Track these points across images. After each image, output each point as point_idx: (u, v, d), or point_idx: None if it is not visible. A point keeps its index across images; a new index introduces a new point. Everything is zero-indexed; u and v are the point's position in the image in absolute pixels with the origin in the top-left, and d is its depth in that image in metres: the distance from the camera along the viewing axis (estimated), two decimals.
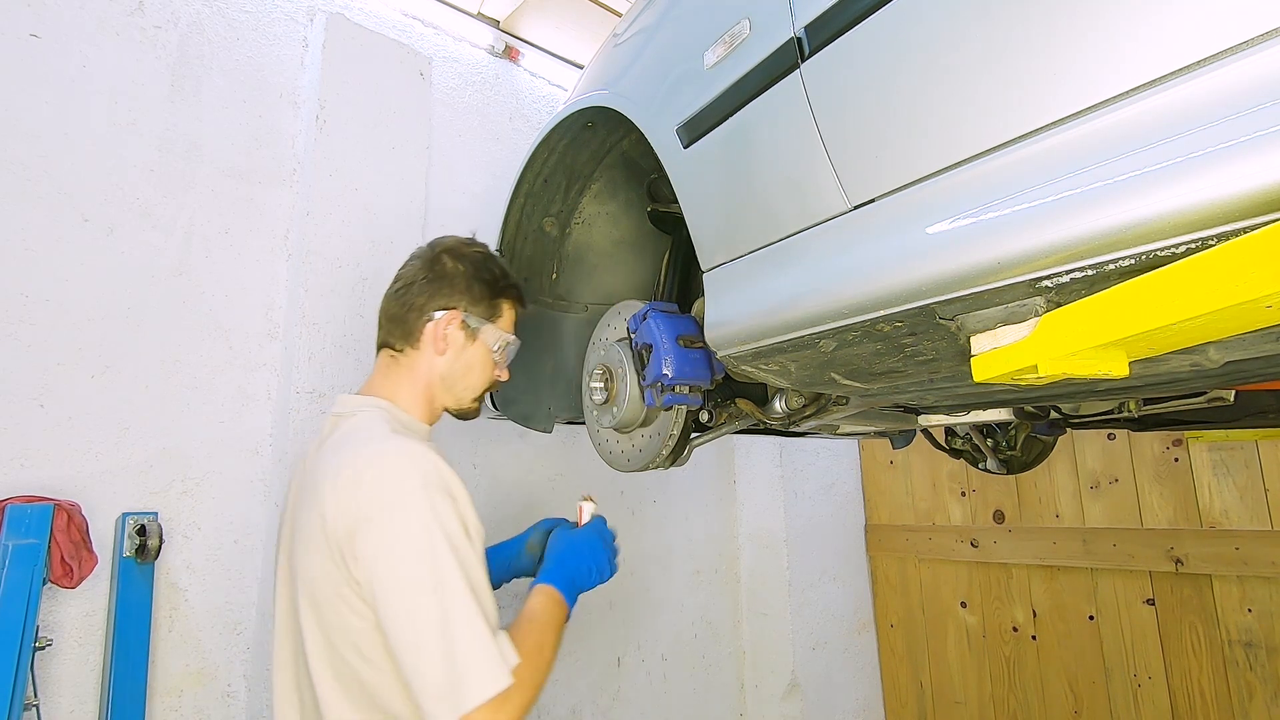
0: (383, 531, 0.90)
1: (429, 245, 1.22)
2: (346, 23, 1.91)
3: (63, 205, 1.50)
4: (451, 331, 1.15)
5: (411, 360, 1.15)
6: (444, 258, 1.18)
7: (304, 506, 1.00)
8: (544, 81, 2.45)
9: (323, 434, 1.10)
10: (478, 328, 1.17)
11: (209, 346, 1.65)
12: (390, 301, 1.18)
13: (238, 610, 1.60)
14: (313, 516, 0.95)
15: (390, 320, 1.17)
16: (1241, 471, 2.06)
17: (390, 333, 1.16)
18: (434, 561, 0.88)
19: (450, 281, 1.16)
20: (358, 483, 0.93)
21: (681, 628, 2.46)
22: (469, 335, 1.17)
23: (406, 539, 0.89)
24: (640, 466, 1.28)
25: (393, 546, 0.89)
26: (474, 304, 1.17)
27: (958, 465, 2.69)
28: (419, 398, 1.14)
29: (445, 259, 1.18)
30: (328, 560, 0.93)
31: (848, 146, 0.78)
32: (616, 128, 1.37)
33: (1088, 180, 0.57)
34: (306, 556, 0.96)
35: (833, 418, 1.28)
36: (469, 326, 1.16)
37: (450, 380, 1.16)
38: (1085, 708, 2.32)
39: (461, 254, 1.19)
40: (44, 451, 1.42)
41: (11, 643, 1.19)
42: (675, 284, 1.49)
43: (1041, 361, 0.61)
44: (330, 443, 1.04)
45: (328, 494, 0.94)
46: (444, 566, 0.88)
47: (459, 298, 1.16)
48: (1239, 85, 0.50)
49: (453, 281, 1.16)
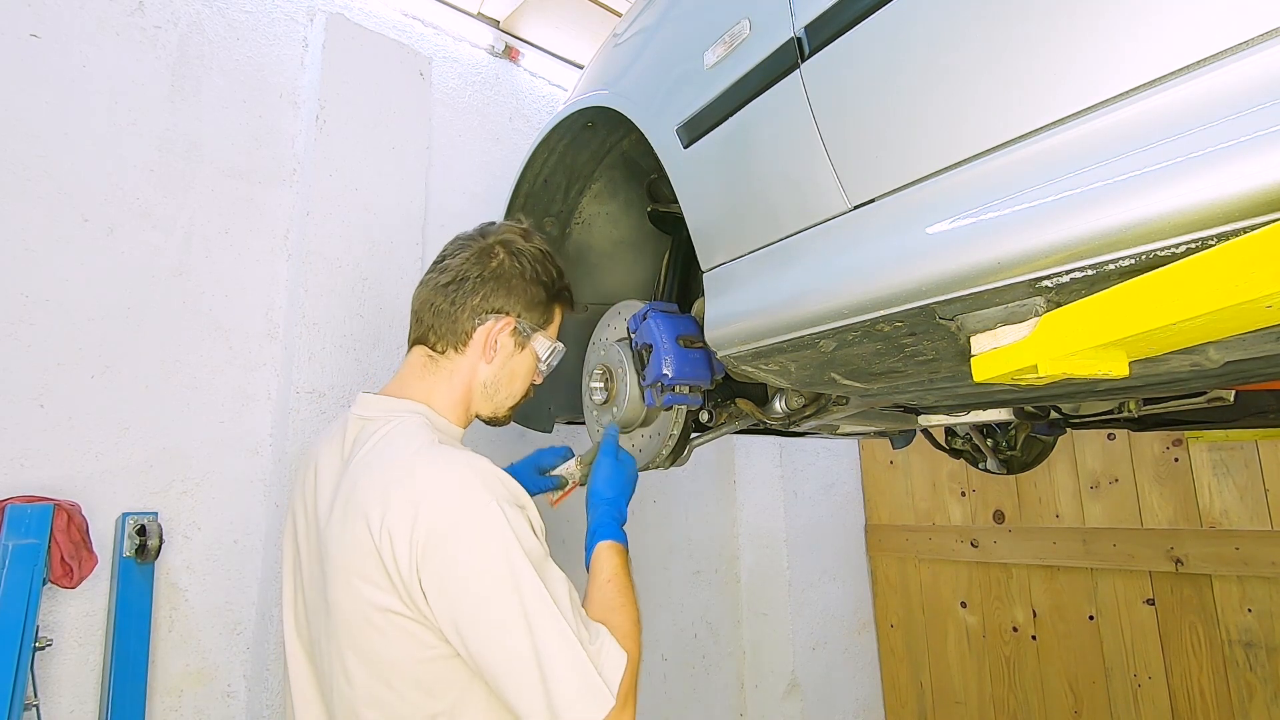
0: (458, 560, 0.81)
1: (480, 232, 1.11)
2: (346, 23, 1.91)
3: (63, 205, 1.50)
4: (503, 339, 1.05)
5: (453, 365, 1.05)
6: (499, 252, 1.07)
7: (336, 526, 0.89)
8: (544, 81, 2.45)
9: (347, 438, 0.99)
10: (529, 335, 1.08)
11: (209, 346, 1.65)
12: (437, 295, 1.05)
13: (238, 610, 1.60)
14: (355, 541, 0.85)
15: (436, 316, 1.04)
16: (1241, 471, 2.06)
17: (434, 330, 1.04)
18: (518, 586, 0.81)
19: (507, 282, 1.05)
20: (415, 506, 0.83)
21: (681, 628, 2.46)
22: (519, 343, 1.08)
23: (486, 565, 0.81)
24: (640, 466, 1.28)
25: (471, 577, 0.81)
26: (529, 309, 1.07)
27: (958, 465, 2.69)
28: (457, 404, 1.05)
29: (500, 253, 1.07)
30: (381, 590, 0.83)
31: (848, 146, 0.78)
32: (616, 128, 1.37)
33: (1088, 180, 0.57)
34: (346, 584, 0.86)
35: (833, 418, 1.28)
36: (520, 333, 1.07)
37: (493, 389, 1.07)
38: (1085, 708, 2.32)
39: (520, 250, 1.08)
40: (44, 451, 1.42)
41: (11, 643, 1.19)
42: (675, 284, 1.49)
43: (1041, 361, 0.61)
44: (366, 454, 0.92)
45: (375, 516, 0.84)
46: (529, 592, 0.81)
47: (515, 302, 1.06)
48: (1239, 85, 0.50)
49: (509, 283, 1.05)
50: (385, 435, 0.94)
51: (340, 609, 0.87)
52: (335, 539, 0.89)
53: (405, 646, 0.84)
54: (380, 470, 0.89)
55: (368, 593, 0.84)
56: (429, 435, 0.93)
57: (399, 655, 0.84)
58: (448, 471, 0.87)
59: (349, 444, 0.98)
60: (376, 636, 0.85)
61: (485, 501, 0.84)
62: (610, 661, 0.84)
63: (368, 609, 0.84)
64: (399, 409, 0.99)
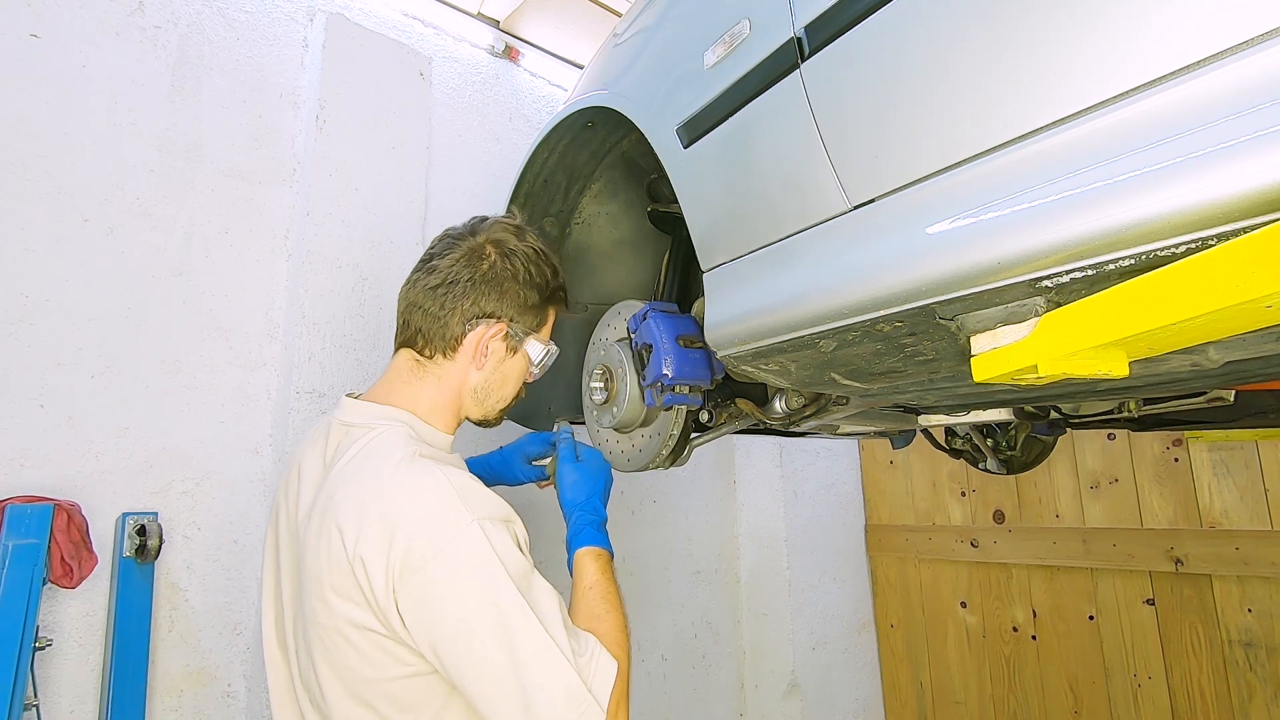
0: (436, 581, 0.79)
1: (471, 230, 1.05)
2: (346, 23, 1.91)
3: (63, 205, 1.50)
4: (494, 344, 1.02)
5: (441, 370, 1.01)
6: (490, 252, 1.02)
7: (313, 537, 0.87)
8: (544, 81, 2.45)
9: (329, 443, 0.97)
10: (522, 340, 1.05)
11: (209, 346, 1.65)
12: (425, 297, 1.01)
13: (238, 610, 1.60)
14: (330, 554, 0.83)
15: (425, 319, 1.00)
16: (1241, 471, 2.06)
17: (422, 334, 1.01)
18: (498, 605, 0.79)
19: (499, 285, 1.01)
20: (393, 524, 0.81)
21: (681, 628, 2.46)
22: (511, 348, 1.04)
23: (465, 585, 0.79)
24: (640, 466, 1.28)
25: (450, 597, 0.79)
26: (522, 314, 1.04)
27: (958, 465, 2.69)
28: (445, 410, 1.02)
29: (492, 254, 1.02)
30: (356, 606, 0.81)
31: (848, 146, 0.78)
32: (616, 128, 1.37)
33: (1088, 180, 0.57)
34: (321, 597, 0.84)
35: (833, 418, 1.28)
36: (512, 338, 1.04)
37: (483, 394, 1.04)
38: (1085, 708, 2.32)
39: (512, 250, 1.03)
40: (44, 451, 1.42)
41: (11, 643, 1.19)
42: (675, 284, 1.49)
43: (1041, 361, 0.61)
44: (346, 464, 0.90)
45: (350, 532, 0.82)
46: (510, 611, 0.79)
47: (508, 306, 1.02)
48: (1239, 85, 0.50)
49: (502, 286, 1.01)
50: (365, 447, 0.91)
51: (316, 621, 0.85)
52: (311, 549, 0.87)
53: (381, 663, 0.82)
54: (358, 485, 0.86)
55: (342, 608, 0.82)
56: (411, 448, 0.89)
57: (374, 673, 0.83)
58: (427, 488, 0.84)
59: (331, 450, 0.95)
60: (351, 652, 0.83)
61: (466, 522, 0.82)
62: (600, 672, 0.82)
63: (342, 624, 0.82)
64: (383, 417, 0.96)
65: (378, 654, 0.82)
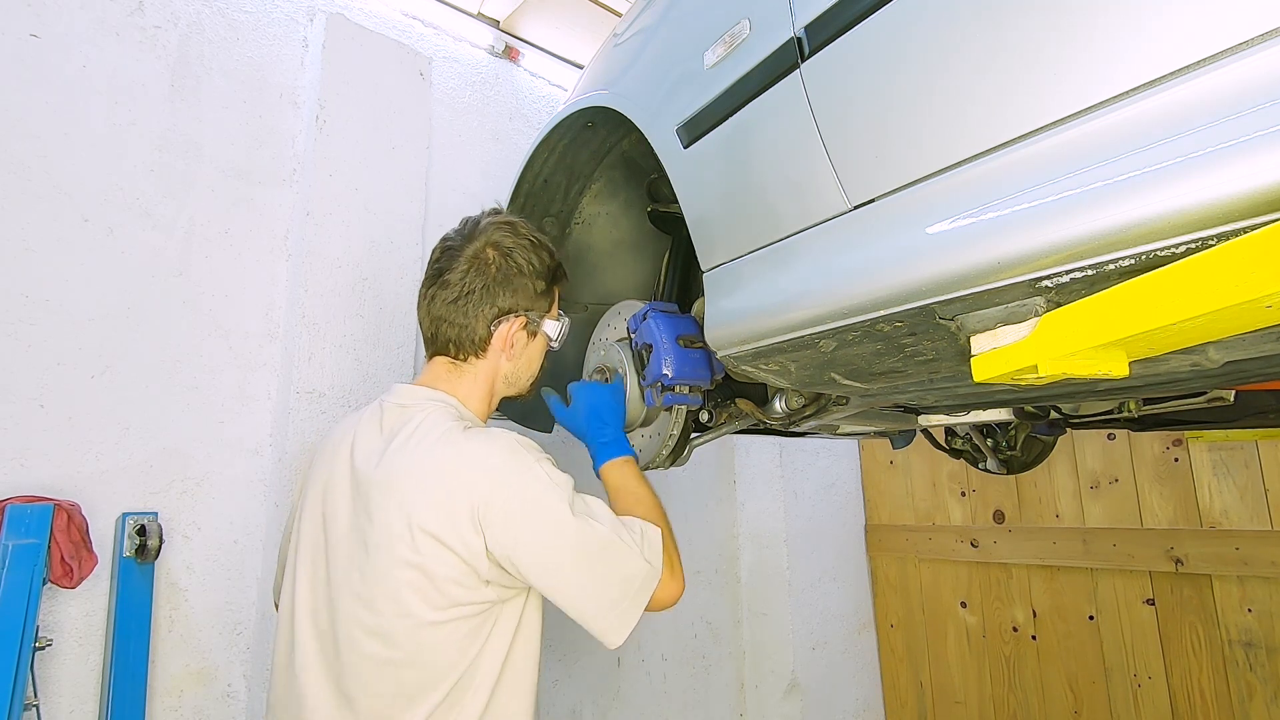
0: (514, 513, 0.95)
1: (466, 236, 1.15)
2: (346, 23, 1.91)
3: (63, 205, 1.50)
4: (518, 335, 1.14)
5: (476, 368, 1.14)
6: (492, 256, 1.12)
7: (381, 498, 0.98)
8: (544, 81, 2.45)
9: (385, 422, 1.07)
10: (539, 323, 1.17)
11: (209, 346, 1.65)
12: (448, 310, 1.12)
13: (238, 610, 1.60)
14: (406, 510, 0.95)
15: (453, 329, 1.12)
16: (1241, 471, 2.06)
17: (454, 343, 1.12)
18: (563, 519, 0.96)
19: (509, 283, 1.12)
20: (472, 474, 0.96)
21: (681, 628, 2.46)
22: (531, 333, 1.17)
23: (538, 510, 0.96)
24: (640, 466, 1.28)
25: (528, 520, 0.95)
26: (535, 301, 1.15)
27: (958, 465, 2.69)
28: (484, 398, 1.15)
29: (494, 256, 1.12)
30: (440, 546, 0.93)
31: (848, 146, 0.78)
32: (616, 128, 1.37)
33: (1088, 180, 0.57)
34: (390, 551, 0.94)
35: (833, 418, 1.28)
36: (531, 324, 1.16)
37: (514, 378, 1.18)
38: (1085, 708, 2.32)
39: (511, 248, 1.14)
40: (44, 451, 1.42)
41: (11, 643, 1.19)
42: (675, 284, 1.49)
43: (1041, 361, 0.61)
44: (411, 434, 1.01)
45: (432, 489, 0.95)
46: (575, 521, 0.96)
47: (522, 299, 1.14)
48: (1239, 85, 0.50)
49: (512, 283, 1.12)
50: (425, 420, 1.03)
51: (383, 578, 0.95)
52: (380, 508, 0.97)
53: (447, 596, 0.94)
54: (430, 449, 0.99)
55: (421, 553, 0.94)
56: (460, 423, 1.04)
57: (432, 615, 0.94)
58: (493, 441, 1.00)
59: (389, 426, 1.06)
60: (413, 598, 0.94)
61: (530, 462, 0.99)
62: (650, 542, 1.01)
63: (411, 571, 0.94)
64: (433, 398, 1.10)
65: (449, 586, 0.94)
